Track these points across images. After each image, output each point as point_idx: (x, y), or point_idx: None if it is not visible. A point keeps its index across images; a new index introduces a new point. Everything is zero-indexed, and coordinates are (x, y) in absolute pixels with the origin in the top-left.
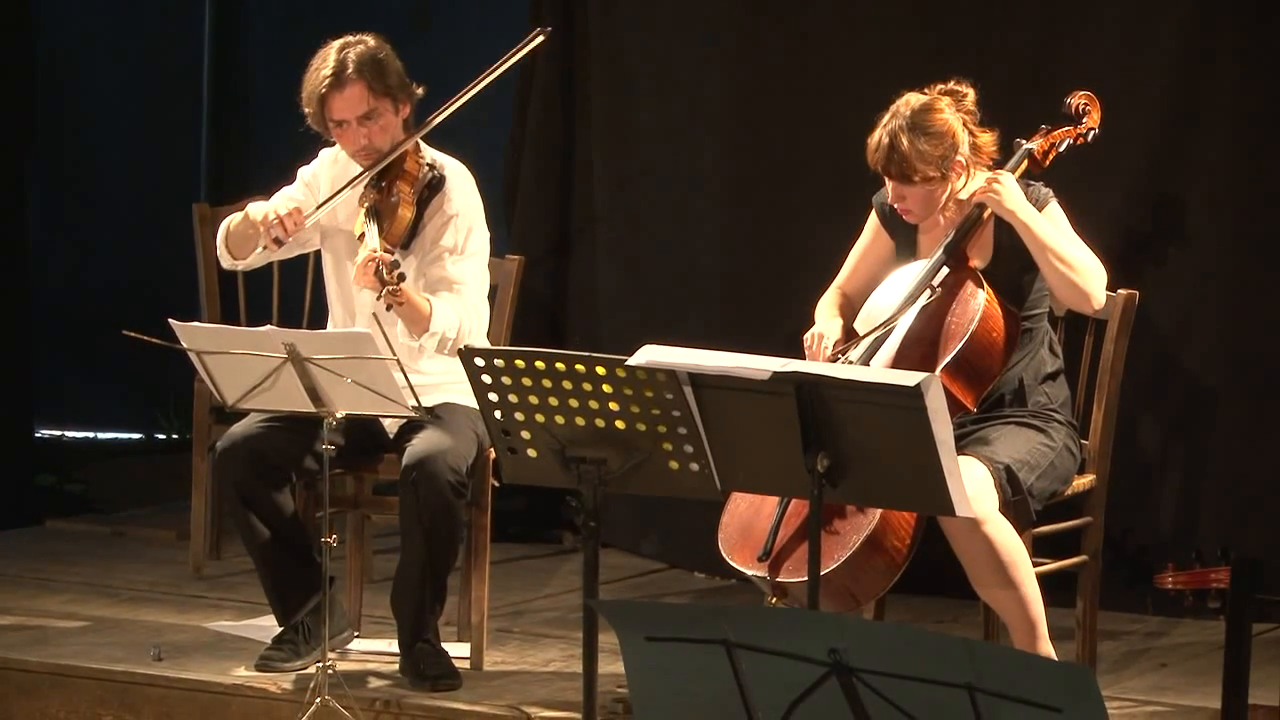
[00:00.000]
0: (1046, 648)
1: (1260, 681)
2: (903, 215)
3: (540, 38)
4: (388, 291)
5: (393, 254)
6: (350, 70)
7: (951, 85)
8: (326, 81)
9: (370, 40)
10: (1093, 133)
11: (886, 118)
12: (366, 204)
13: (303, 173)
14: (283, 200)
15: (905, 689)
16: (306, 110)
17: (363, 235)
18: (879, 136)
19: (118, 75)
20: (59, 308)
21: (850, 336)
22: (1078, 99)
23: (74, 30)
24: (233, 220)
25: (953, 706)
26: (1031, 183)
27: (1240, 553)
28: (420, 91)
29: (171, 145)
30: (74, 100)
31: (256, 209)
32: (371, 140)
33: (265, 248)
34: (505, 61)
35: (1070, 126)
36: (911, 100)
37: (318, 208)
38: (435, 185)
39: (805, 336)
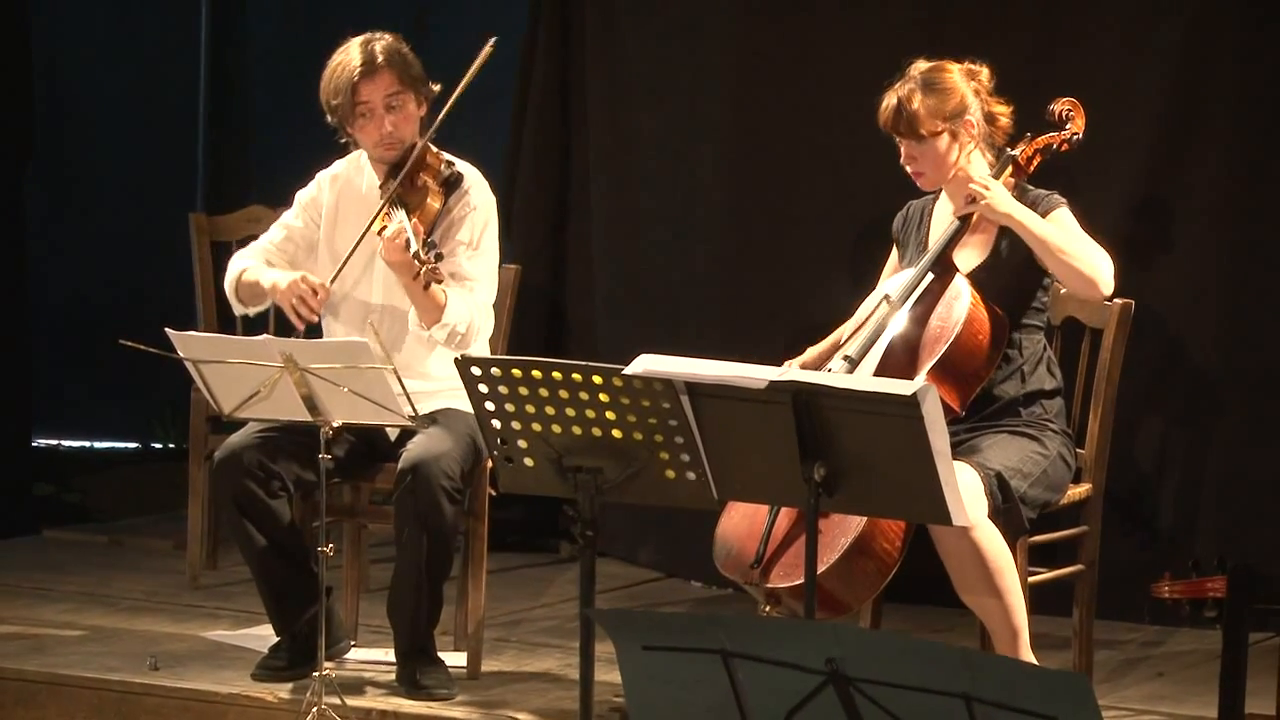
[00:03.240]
0: (1028, 656)
1: (1257, 691)
2: (915, 180)
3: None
4: (426, 271)
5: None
6: (380, 59)
7: (966, 63)
8: (358, 70)
9: (389, 36)
10: (1076, 138)
11: (897, 81)
12: (394, 196)
13: (300, 196)
14: (299, 280)
15: (902, 698)
16: (333, 102)
17: (384, 229)
18: (888, 97)
19: (116, 85)
20: (56, 317)
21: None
22: (1061, 105)
23: (73, 40)
24: (244, 274)
25: (949, 716)
26: (1043, 192)
27: (1237, 562)
28: (437, 89)
29: (169, 155)
30: (72, 110)
31: (276, 279)
32: (396, 128)
33: (295, 326)
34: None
35: (1054, 132)
36: (920, 63)
37: (355, 245)
38: (454, 183)
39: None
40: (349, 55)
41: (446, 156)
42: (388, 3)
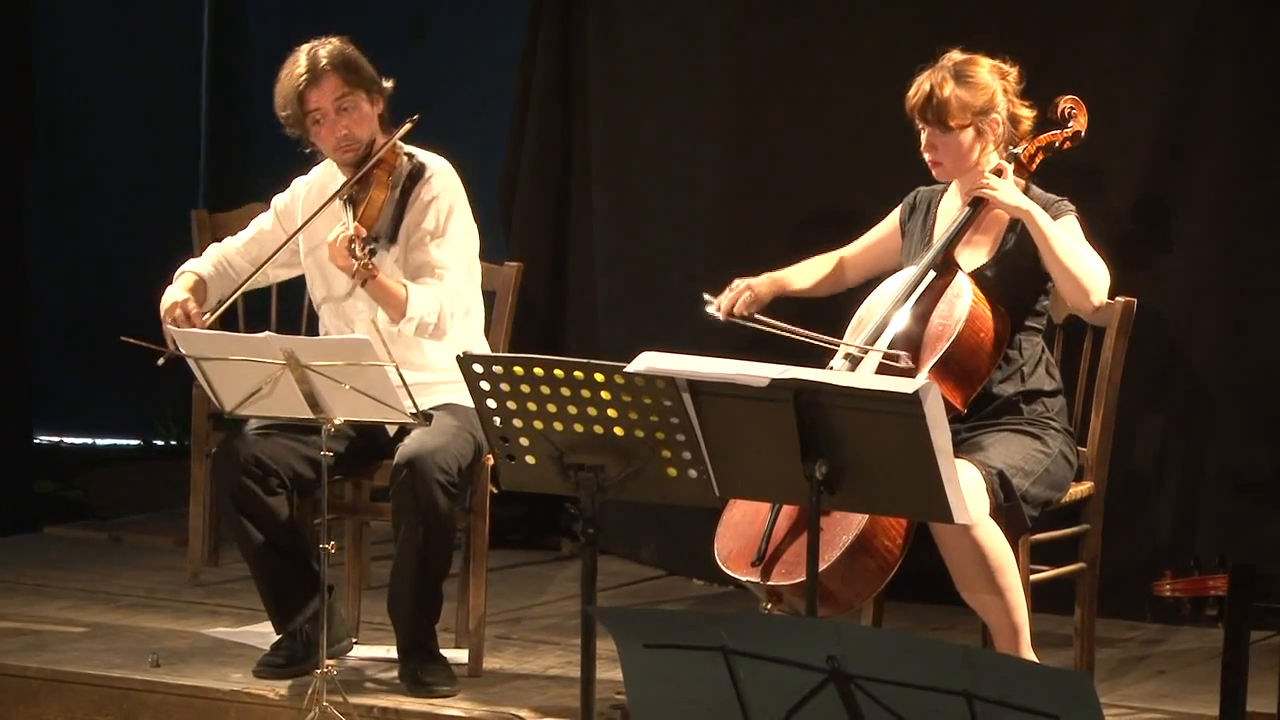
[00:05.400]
0: (1029, 654)
1: (1258, 689)
2: (932, 169)
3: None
4: (360, 266)
5: (365, 233)
6: (324, 64)
7: (997, 60)
8: (303, 79)
9: (335, 40)
10: (1079, 136)
11: (929, 69)
12: (345, 196)
13: (276, 201)
14: (175, 304)
15: (903, 696)
16: (284, 114)
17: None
18: (919, 82)
19: (117, 82)
20: (58, 314)
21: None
22: (1064, 103)
23: (73, 38)
24: (181, 275)
25: (950, 713)
26: (1053, 197)
27: (1238, 560)
28: (389, 86)
29: (170, 152)
30: (73, 107)
31: (166, 294)
32: (351, 130)
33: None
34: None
35: (1056, 130)
36: (955, 54)
37: (291, 235)
38: (415, 175)
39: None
40: (295, 65)
41: (407, 149)
42: (387, 3)
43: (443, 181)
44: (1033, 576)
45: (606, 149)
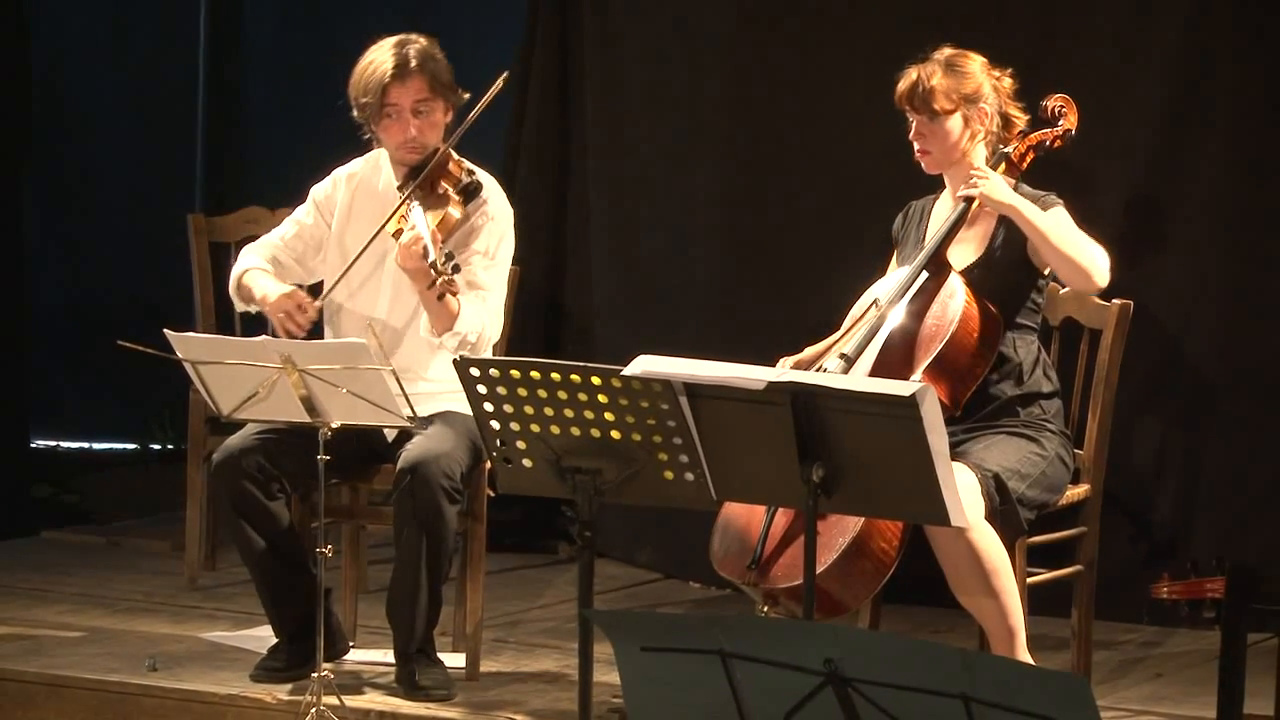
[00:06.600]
0: (1025, 656)
1: (1255, 691)
2: (920, 159)
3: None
4: (443, 282)
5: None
6: (414, 64)
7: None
8: (390, 73)
9: (423, 39)
10: (1069, 134)
11: (920, 62)
12: (413, 200)
13: (314, 192)
14: (286, 297)
15: (901, 699)
16: (361, 100)
17: (399, 232)
18: (908, 73)
19: (114, 86)
20: (55, 318)
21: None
22: (1053, 101)
23: (71, 41)
24: (245, 275)
25: (948, 716)
26: (1040, 192)
27: (1235, 562)
28: (465, 96)
29: (167, 156)
30: (70, 111)
31: (267, 291)
32: (421, 134)
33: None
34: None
35: (1047, 129)
36: (946, 49)
37: (365, 245)
38: (473, 191)
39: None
40: (382, 55)
41: (467, 165)
42: (384, 6)
43: (498, 205)
44: (1030, 579)
45: (604, 150)
